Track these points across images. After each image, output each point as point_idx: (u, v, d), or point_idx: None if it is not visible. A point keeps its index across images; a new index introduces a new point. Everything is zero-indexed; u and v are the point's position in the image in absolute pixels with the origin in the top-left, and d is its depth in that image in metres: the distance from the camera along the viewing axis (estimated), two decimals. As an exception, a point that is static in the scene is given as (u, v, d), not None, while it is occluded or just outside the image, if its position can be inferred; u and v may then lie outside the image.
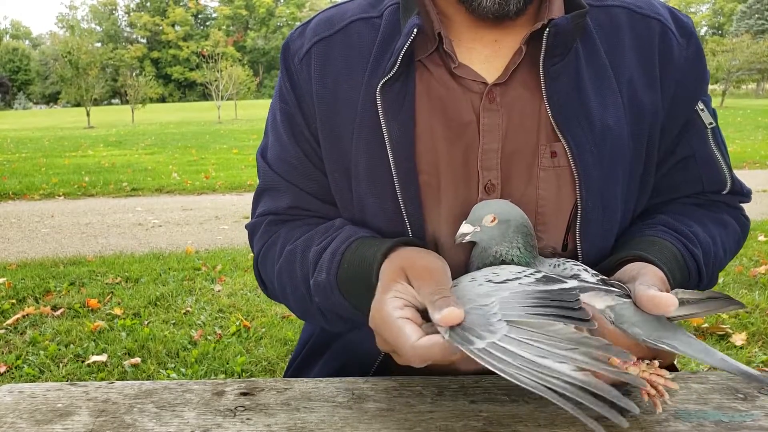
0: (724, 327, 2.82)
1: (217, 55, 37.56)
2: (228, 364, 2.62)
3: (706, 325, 2.86)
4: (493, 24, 0.75)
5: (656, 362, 0.58)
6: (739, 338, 2.72)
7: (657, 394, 0.57)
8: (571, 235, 0.75)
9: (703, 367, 2.52)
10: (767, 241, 4.39)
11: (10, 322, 3.07)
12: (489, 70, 0.75)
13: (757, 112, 22.63)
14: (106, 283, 3.73)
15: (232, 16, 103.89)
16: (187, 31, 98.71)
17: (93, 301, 3.35)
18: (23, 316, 3.16)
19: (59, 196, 7.46)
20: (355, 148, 0.76)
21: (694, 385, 0.69)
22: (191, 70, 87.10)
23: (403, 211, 0.74)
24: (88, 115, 30.56)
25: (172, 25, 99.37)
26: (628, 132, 0.75)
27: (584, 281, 0.62)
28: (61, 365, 2.62)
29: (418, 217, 0.74)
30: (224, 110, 35.37)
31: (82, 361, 2.66)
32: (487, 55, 0.76)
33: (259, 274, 0.88)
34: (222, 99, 35.35)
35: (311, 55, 0.80)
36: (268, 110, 0.89)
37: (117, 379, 2.39)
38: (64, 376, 2.53)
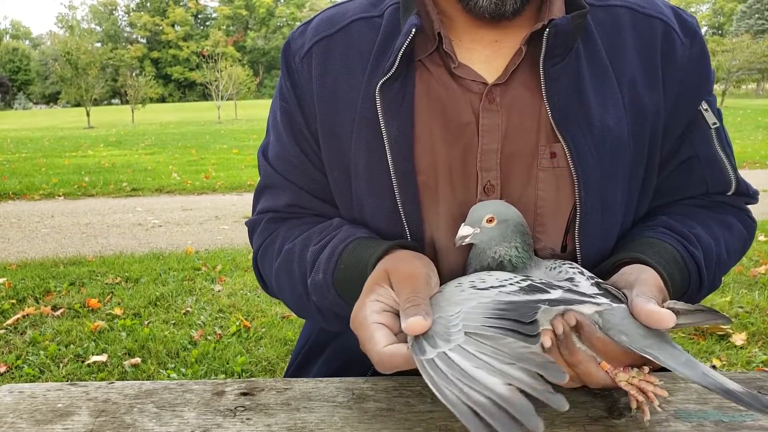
0: (725, 327, 2.82)
1: (217, 55, 37.57)
2: (228, 364, 2.62)
3: (707, 326, 2.85)
4: (492, 24, 0.75)
5: (646, 368, 0.58)
6: (739, 338, 2.72)
7: (646, 401, 0.57)
8: (570, 237, 0.74)
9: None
10: (767, 241, 4.39)
11: (10, 322, 3.07)
12: (489, 71, 0.75)
13: (757, 112, 22.62)
14: (106, 283, 3.73)
15: (232, 16, 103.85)
16: (187, 31, 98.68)
17: (93, 301, 3.35)
18: (23, 316, 3.16)
19: (59, 196, 7.45)
20: (355, 148, 0.76)
21: (694, 385, 0.68)
22: (191, 70, 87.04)
23: (401, 211, 0.73)
24: (88, 115, 30.55)
25: (172, 25, 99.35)
26: (628, 133, 0.74)
27: (576, 286, 0.61)
28: (61, 365, 2.62)
29: (417, 217, 0.74)
30: (224, 110, 35.37)
31: (82, 361, 2.66)
32: (487, 56, 0.76)
33: (258, 270, 0.88)
34: (222, 99, 35.35)
35: (312, 55, 0.79)
36: (269, 109, 0.89)
37: (117, 379, 2.39)
38: (64, 376, 2.54)
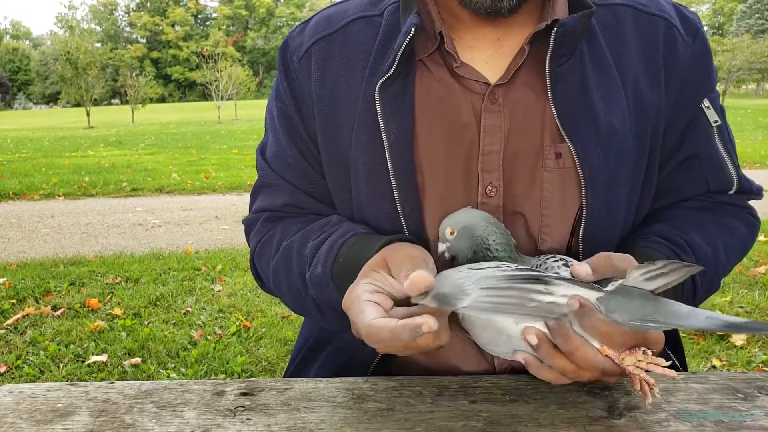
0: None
1: (217, 55, 37.65)
2: (228, 364, 2.62)
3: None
4: (494, 23, 0.74)
5: (650, 351, 0.58)
6: (739, 338, 2.72)
7: (649, 385, 0.57)
8: (574, 238, 0.74)
9: (704, 367, 2.52)
10: (767, 241, 4.39)
11: (10, 322, 3.07)
12: (491, 70, 0.74)
13: (757, 112, 22.61)
14: (106, 283, 3.73)
15: (232, 16, 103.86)
16: (187, 31, 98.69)
17: (93, 301, 3.35)
18: (23, 316, 3.16)
19: (59, 196, 7.45)
20: (354, 148, 0.75)
21: (694, 385, 0.69)
22: (191, 70, 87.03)
23: (400, 212, 0.73)
24: (88, 115, 30.57)
25: (172, 25, 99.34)
26: (633, 132, 0.74)
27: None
28: (61, 365, 2.62)
29: (416, 218, 0.73)
30: (224, 110, 35.38)
31: (82, 361, 2.66)
32: (489, 55, 0.75)
33: (256, 269, 0.88)
34: (222, 99, 35.37)
35: (311, 54, 0.79)
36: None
37: (117, 379, 2.39)
38: (64, 376, 2.53)
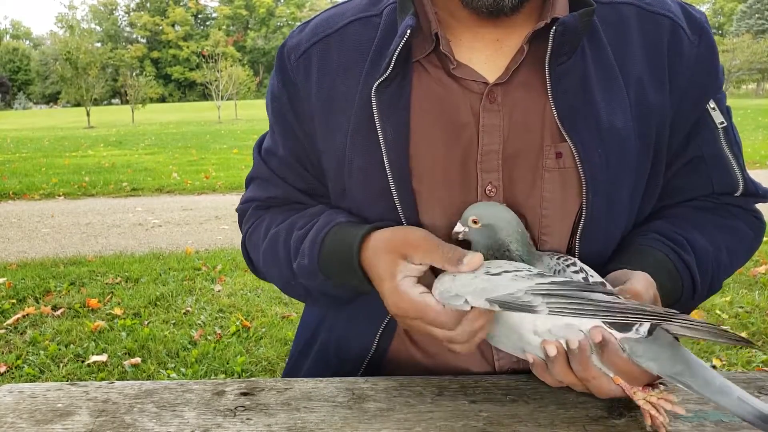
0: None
1: (217, 55, 37.64)
2: (228, 364, 2.62)
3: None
4: (494, 22, 0.73)
5: (662, 386, 0.58)
6: (739, 338, 2.72)
7: (661, 419, 0.57)
8: (574, 238, 0.74)
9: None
10: (767, 242, 4.39)
11: (10, 322, 3.08)
12: (491, 70, 0.74)
13: (757, 112, 22.58)
14: (106, 283, 3.73)
15: (232, 16, 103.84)
16: (187, 31, 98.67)
17: (93, 301, 3.35)
18: (23, 316, 3.16)
19: (59, 196, 7.46)
20: (351, 149, 0.75)
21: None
22: (191, 70, 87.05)
23: (399, 212, 0.73)
24: (88, 115, 30.57)
25: (172, 25, 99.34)
26: (635, 133, 0.73)
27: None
28: (61, 365, 2.62)
29: (414, 219, 0.73)
30: (224, 110, 35.39)
31: (82, 361, 2.66)
32: (488, 55, 0.75)
33: (247, 252, 0.91)
34: (222, 99, 35.38)
35: (309, 55, 0.79)
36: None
37: (117, 379, 2.39)
38: (64, 376, 2.53)
